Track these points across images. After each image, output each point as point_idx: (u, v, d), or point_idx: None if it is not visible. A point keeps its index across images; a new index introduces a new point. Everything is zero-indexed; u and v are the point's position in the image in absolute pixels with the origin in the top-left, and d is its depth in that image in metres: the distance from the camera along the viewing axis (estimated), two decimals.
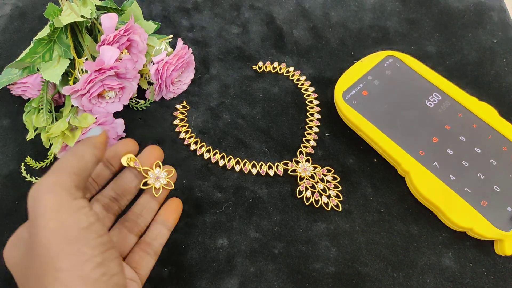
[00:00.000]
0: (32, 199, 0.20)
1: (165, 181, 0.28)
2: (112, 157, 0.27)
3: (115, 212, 0.27)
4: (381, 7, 0.46)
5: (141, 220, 0.28)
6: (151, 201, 0.28)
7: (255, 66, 0.41)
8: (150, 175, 0.28)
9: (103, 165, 0.27)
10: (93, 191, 0.27)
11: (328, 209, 0.33)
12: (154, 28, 0.39)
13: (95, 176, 0.27)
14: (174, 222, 0.28)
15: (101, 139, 0.23)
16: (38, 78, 0.35)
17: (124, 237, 0.27)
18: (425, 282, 0.30)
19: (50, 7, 0.32)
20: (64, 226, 0.19)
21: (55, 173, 0.21)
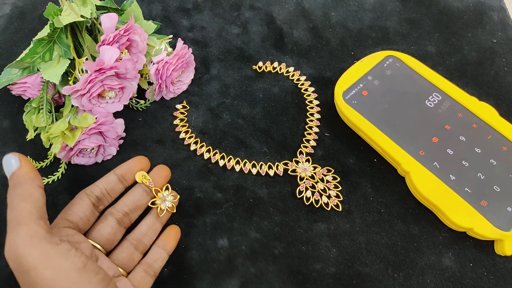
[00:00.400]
0: (14, 258, 0.20)
1: (170, 204, 0.30)
2: (126, 173, 0.30)
3: (126, 226, 0.30)
4: (381, 7, 0.46)
5: (146, 239, 0.30)
6: (156, 222, 0.30)
7: (255, 66, 0.41)
8: (159, 196, 0.30)
9: (118, 180, 0.29)
10: (106, 203, 0.29)
11: (328, 209, 0.33)
12: (154, 28, 0.39)
13: (110, 190, 0.29)
14: (173, 247, 0.30)
15: (25, 167, 0.23)
16: (38, 78, 0.34)
17: (131, 254, 0.28)
18: (425, 282, 0.30)
19: (50, 7, 0.32)
20: (62, 271, 0.20)
21: (21, 225, 0.21)
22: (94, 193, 0.28)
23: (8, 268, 0.31)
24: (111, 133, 0.34)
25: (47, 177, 0.34)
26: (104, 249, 0.28)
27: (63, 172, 0.34)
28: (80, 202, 0.28)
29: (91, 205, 0.28)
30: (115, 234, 0.28)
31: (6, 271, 0.31)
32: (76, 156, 0.34)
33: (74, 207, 0.27)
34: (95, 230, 0.28)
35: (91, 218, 0.28)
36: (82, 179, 0.35)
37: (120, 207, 0.29)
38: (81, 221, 0.27)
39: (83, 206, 0.27)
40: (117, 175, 0.30)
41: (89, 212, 0.28)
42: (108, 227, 0.28)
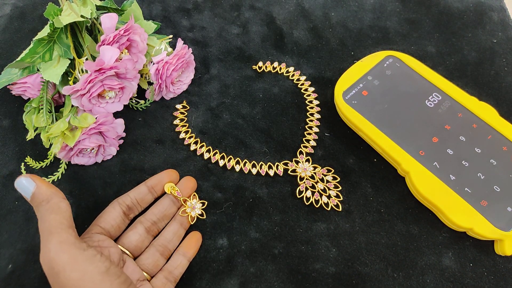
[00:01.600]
0: (46, 262, 0.23)
1: (200, 211, 0.32)
2: (156, 185, 0.32)
3: (153, 234, 0.31)
4: (381, 7, 0.46)
5: (171, 245, 0.31)
6: (180, 229, 0.32)
7: (255, 66, 0.41)
8: (188, 204, 0.32)
9: (148, 191, 0.32)
10: (136, 212, 0.32)
11: (328, 209, 0.33)
12: (154, 28, 0.39)
13: (140, 200, 0.31)
14: (193, 254, 0.31)
15: (42, 186, 0.25)
16: (38, 78, 0.34)
17: (157, 260, 0.30)
18: (425, 282, 0.30)
19: (50, 7, 0.32)
20: (87, 274, 0.23)
21: (53, 234, 0.23)
22: (126, 202, 0.31)
23: (8, 268, 0.31)
24: (111, 133, 0.34)
25: (47, 177, 0.34)
26: (132, 255, 0.30)
27: (63, 172, 0.34)
28: (112, 211, 0.30)
29: (122, 213, 0.30)
30: (143, 241, 0.30)
31: (5, 271, 0.31)
32: (76, 156, 0.34)
33: (106, 215, 0.30)
34: (125, 237, 0.30)
35: (121, 225, 0.30)
36: (82, 179, 0.35)
37: (149, 216, 0.31)
38: (112, 228, 0.29)
39: (115, 214, 0.30)
40: (148, 186, 0.32)
41: (119, 220, 0.30)
42: (136, 235, 0.30)
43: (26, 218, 0.33)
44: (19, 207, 0.33)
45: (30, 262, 0.31)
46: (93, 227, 0.29)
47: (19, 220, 0.33)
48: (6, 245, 0.32)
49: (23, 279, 0.30)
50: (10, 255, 0.31)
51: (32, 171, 0.35)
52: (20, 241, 0.32)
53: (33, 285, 0.30)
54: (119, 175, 0.35)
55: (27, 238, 0.32)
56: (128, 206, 0.31)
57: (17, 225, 0.33)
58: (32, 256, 0.31)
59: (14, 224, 0.33)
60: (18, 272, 0.30)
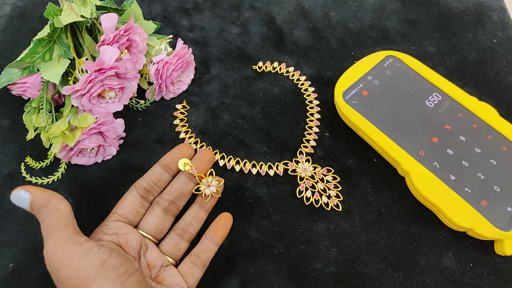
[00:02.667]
0: (47, 262, 0.23)
1: (215, 189, 0.31)
2: (170, 162, 0.30)
3: (173, 214, 0.30)
4: (381, 7, 0.46)
5: (191, 228, 0.31)
6: (200, 211, 0.31)
7: (255, 66, 0.41)
8: (203, 182, 0.30)
9: (163, 170, 0.30)
10: (155, 193, 0.30)
11: (328, 209, 0.33)
12: (154, 28, 0.39)
13: (156, 181, 0.30)
14: (222, 238, 0.31)
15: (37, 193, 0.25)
16: (38, 78, 0.34)
17: (177, 244, 0.30)
18: (425, 282, 0.30)
19: (50, 7, 0.32)
20: (81, 271, 0.22)
21: (51, 234, 0.23)
22: (142, 185, 0.30)
23: (9, 267, 0.31)
24: (111, 133, 0.34)
25: (47, 177, 0.34)
26: (155, 238, 0.30)
27: (63, 172, 0.34)
28: (129, 196, 0.29)
29: (140, 197, 0.29)
30: (163, 223, 0.30)
31: (6, 270, 0.31)
32: (76, 156, 0.34)
33: (123, 201, 0.29)
34: (144, 221, 0.30)
35: (140, 210, 0.29)
36: (82, 179, 0.35)
37: (165, 196, 0.30)
38: (130, 214, 0.29)
39: (131, 198, 0.29)
40: (162, 165, 0.30)
41: (137, 204, 0.29)
42: (154, 217, 0.29)
43: (27, 217, 0.33)
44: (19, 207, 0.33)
45: (31, 261, 0.31)
46: (111, 215, 0.29)
47: (19, 219, 0.33)
48: (7, 244, 0.32)
49: (24, 278, 0.30)
50: (11, 254, 0.31)
51: (32, 171, 0.35)
52: (21, 240, 0.32)
53: (34, 284, 0.30)
54: (119, 175, 0.35)
55: (28, 237, 0.32)
56: (145, 188, 0.30)
57: (18, 224, 0.33)
58: (33, 255, 0.31)
59: (15, 223, 0.33)
60: (19, 271, 0.30)
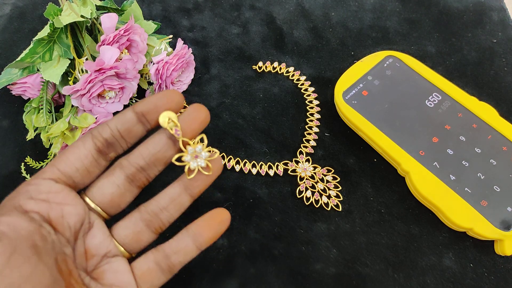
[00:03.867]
0: None
1: (204, 163, 0.21)
2: (150, 111, 0.21)
3: (140, 185, 0.22)
4: (381, 7, 0.46)
5: (165, 215, 0.22)
6: (182, 193, 0.22)
7: (255, 66, 0.41)
8: (189, 150, 0.21)
9: (137, 119, 0.21)
10: (118, 150, 0.22)
11: (328, 209, 0.33)
12: (154, 28, 0.39)
13: (125, 132, 0.21)
14: (209, 241, 0.22)
15: None
16: (38, 78, 0.34)
17: (139, 232, 0.22)
18: (426, 282, 0.30)
19: (50, 7, 0.32)
20: None
21: None
22: (103, 135, 0.21)
23: None
24: None
25: None
26: (106, 214, 0.22)
27: None
28: (80, 146, 0.20)
29: (95, 151, 0.21)
30: (123, 195, 0.21)
31: None
32: None
33: (69, 153, 0.20)
34: (96, 187, 0.21)
35: (93, 170, 0.21)
36: None
37: (133, 159, 0.21)
38: (77, 173, 0.20)
39: (83, 152, 0.20)
40: (137, 112, 0.21)
41: (90, 161, 0.21)
42: (113, 184, 0.21)
43: None
44: None
45: None
46: (48, 169, 0.20)
47: None
48: None
49: None
50: None
51: (32, 171, 0.35)
52: None
53: None
54: None
55: None
56: (107, 140, 0.21)
57: None
58: None
59: None
60: None
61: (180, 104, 0.22)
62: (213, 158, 0.22)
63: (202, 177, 0.22)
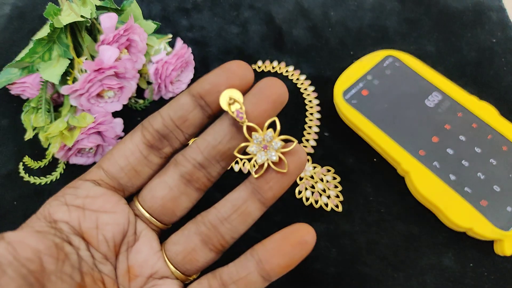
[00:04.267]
0: None
1: (276, 157, 0.17)
2: (209, 92, 0.17)
3: (200, 187, 0.18)
4: (381, 7, 0.46)
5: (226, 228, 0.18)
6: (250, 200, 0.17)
7: (255, 66, 0.41)
8: (255, 139, 0.17)
9: (194, 103, 0.17)
10: (175, 143, 0.18)
11: (328, 209, 0.33)
12: (154, 28, 0.39)
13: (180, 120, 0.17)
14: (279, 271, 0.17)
15: None
16: (38, 77, 0.34)
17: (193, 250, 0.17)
18: (425, 282, 0.30)
19: (49, 7, 0.32)
20: None
21: None
22: (154, 126, 0.17)
23: None
24: (110, 133, 0.34)
25: (45, 177, 0.34)
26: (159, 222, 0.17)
27: (61, 172, 0.34)
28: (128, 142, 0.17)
29: (145, 146, 0.17)
30: (178, 199, 0.17)
31: None
32: (75, 156, 0.34)
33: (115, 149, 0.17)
34: (147, 189, 0.18)
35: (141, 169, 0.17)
36: None
37: (190, 153, 0.17)
38: (122, 173, 0.17)
39: (129, 147, 0.17)
40: (193, 95, 0.17)
41: (136, 158, 0.17)
42: (165, 185, 0.17)
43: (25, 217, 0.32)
44: (18, 207, 0.33)
45: None
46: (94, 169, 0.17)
47: (17, 220, 0.33)
48: None
49: None
50: None
51: (30, 171, 0.34)
52: None
53: None
54: None
55: None
56: (158, 131, 0.17)
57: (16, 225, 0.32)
58: None
59: (13, 224, 0.32)
60: None
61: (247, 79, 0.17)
62: (289, 150, 0.17)
63: (277, 176, 0.17)
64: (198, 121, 0.17)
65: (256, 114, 0.16)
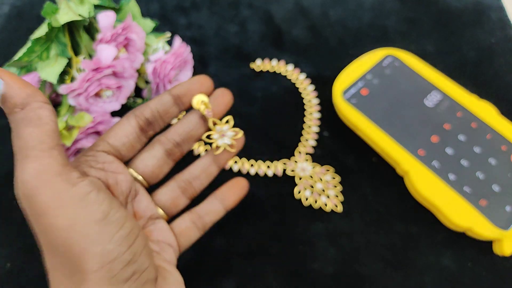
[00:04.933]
0: (24, 198, 0.17)
1: (229, 142, 0.26)
2: (184, 94, 0.25)
3: (175, 159, 0.26)
4: (380, 6, 0.46)
5: (197, 183, 0.26)
6: (212, 165, 0.26)
7: (254, 65, 0.41)
8: (216, 129, 0.25)
9: (173, 101, 0.25)
10: (157, 128, 0.25)
11: (327, 209, 0.33)
12: (152, 27, 0.39)
13: (163, 112, 0.24)
14: (233, 204, 0.27)
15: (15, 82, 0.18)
16: (36, 77, 0.34)
17: (176, 198, 0.26)
18: (424, 282, 0.30)
19: (47, 6, 0.32)
20: (77, 223, 0.17)
21: (30, 158, 0.17)
22: (144, 115, 0.24)
23: (6, 266, 0.31)
24: None
25: None
26: (147, 182, 0.25)
27: None
28: (126, 124, 0.24)
29: (138, 129, 0.24)
30: (162, 167, 0.25)
31: (3, 270, 0.30)
32: (73, 156, 0.33)
33: (118, 129, 0.23)
34: (139, 159, 0.25)
35: (136, 145, 0.24)
36: None
37: (170, 135, 0.25)
38: (124, 147, 0.23)
39: (129, 128, 0.24)
40: (173, 95, 0.25)
41: (134, 137, 0.24)
42: (153, 158, 0.25)
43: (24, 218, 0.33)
44: (17, 206, 0.33)
45: (29, 260, 0.31)
46: (100, 143, 0.23)
47: (17, 218, 0.33)
48: (4, 244, 0.31)
49: (21, 278, 0.30)
50: (8, 254, 0.31)
51: None
52: (18, 240, 0.32)
53: (32, 283, 0.30)
54: None
55: (25, 237, 0.32)
56: (148, 119, 0.24)
57: (15, 224, 0.32)
58: (30, 254, 0.31)
59: (12, 223, 0.32)
60: (16, 270, 0.30)
61: (210, 88, 0.26)
62: (239, 137, 0.26)
63: (228, 152, 0.26)
64: (175, 114, 0.25)
65: (216, 112, 0.25)
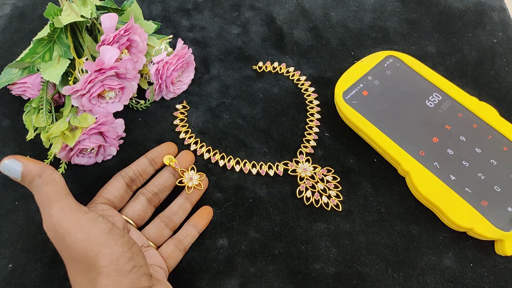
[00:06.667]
0: (51, 229, 0.23)
1: (197, 182, 0.33)
2: (156, 157, 0.34)
3: (155, 205, 0.33)
4: (381, 7, 0.46)
5: (176, 217, 0.32)
6: (186, 202, 0.33)
7: (255, 66, 0.41)
8: (186, 176, 0.33)
9: (149, 163, 0.33)
10: (138, 184, 0.33)
11: (328, 209, 0.33)
12: (154, 28, 0.39)
13: (142, 172, 0.33)
14: (203, 226, 0.32)
15: (29, 164, 0.25)
16: (38, 78, 0.34)
17: (161, 230, 0.32)
18: (425, 282, 0.30)
19: (50, 7, 0.32)
20: (91, 235, 0.23)
21: (53, 202, 0.24)
22: (128, 174, 0.32)
23: (8, 267, 0.31)
24: (111, 133, 0.34)
25: None
26: (136, 224, 0.31)
27: (63, 172, 0.34)
28: (115, 182, 0.31)
29: (125, 185, 0.32)
30: (145, 212, 0.32)
31: (5, 271, 0.31)
32: (76, 156, 0.34)
33: (110, 186, 0.31)
34: (128, 207, 0.32)
35: (124, 197, 0.32)
36: (82, 179, 0.35)
37: (150, 188, 0.33)
38: (116, 199, 0.31)
39: (118, 185, 0.31)
40: (148, 158, 0.33)
41: (123, 191, 0.31)
42: (139, 205, 0.32)
43: (27, 217, 0.33)
44: (19, 206, 0.33)
45: (31, 261, 0.31)
46: (97, 198, 0.30)
47: (19, 219, 0.33)
48: (7, 244, 0.32)
49: (23, 278, 0.30)
50: (10, 255, 0.31)
51: None
52: (20, 241, 0.32)
53: (34, 284, 0.30)
54: None
55: (27, 237, 0.32)
56: (131, 178, 0.32)
57: (18, 225, 0.33)
58: (32, 255, 0.31)
59: (14, 223, 0.33)
60: (19, 271, 0.30)
61: (175, 151, 0.35)
62: (203, 179, 0.34)
63: (197, 191, 0.33)
64: (150, 172, 0.34)
65: (183, 165, 0.34)
